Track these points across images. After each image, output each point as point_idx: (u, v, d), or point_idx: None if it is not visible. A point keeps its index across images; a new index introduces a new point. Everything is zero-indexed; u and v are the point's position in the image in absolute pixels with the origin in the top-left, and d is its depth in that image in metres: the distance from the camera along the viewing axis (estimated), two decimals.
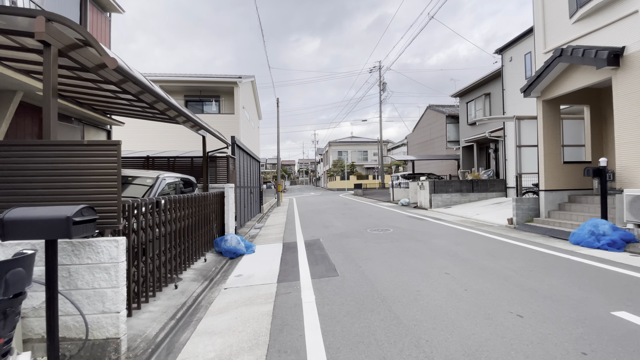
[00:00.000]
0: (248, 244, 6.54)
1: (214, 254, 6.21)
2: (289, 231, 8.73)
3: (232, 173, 8.01)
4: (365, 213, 12.52)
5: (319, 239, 7.29)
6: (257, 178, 13.20)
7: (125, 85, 3.80)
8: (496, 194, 13.84)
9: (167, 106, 4.87)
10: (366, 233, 7.85)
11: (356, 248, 6.22)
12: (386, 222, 9.62)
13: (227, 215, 6.90)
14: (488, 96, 16.61)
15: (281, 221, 11.16)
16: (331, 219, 11.04)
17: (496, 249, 5.83)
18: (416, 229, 8.22)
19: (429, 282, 4.09)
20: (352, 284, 4.13)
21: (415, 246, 6.20)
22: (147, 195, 4.47)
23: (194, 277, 4.70)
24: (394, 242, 6.69)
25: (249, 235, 8.62)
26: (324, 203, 19.02)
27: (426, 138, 27.20)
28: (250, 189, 11.25)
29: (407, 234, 7.51)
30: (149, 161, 7.52)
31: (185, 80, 15.20)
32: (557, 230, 7.17)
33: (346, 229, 8.55)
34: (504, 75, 13.56)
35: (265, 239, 7.84)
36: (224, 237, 6.32)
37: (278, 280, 4.45)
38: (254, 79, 19.58)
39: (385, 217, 11.15)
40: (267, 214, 14.39)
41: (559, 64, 7.43)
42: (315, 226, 9.40)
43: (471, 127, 18.19)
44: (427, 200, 13.60)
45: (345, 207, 15.79)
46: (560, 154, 8.34)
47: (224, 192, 6.90)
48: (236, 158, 8.45)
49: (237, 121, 15.09)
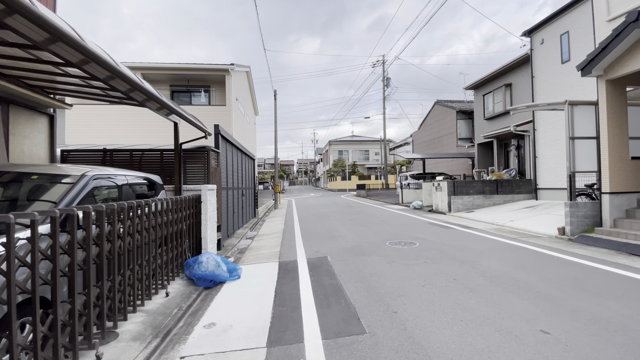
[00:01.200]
0: (232, 266, 4.83)
1: (184, 281, 4.51)
2: (287, 243, 7.03)
3: (215, 171, 6.30)
4: (376, 218, 10.82)
5: (326, 257, 5.59)
6: (250, 178, 11.49)
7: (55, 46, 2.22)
8: (524, 196, 12.16)
9: (126, 83, 3.29)
10: (386, 247, 6.15)
11: (379, 273, 4.53)
12: (406, 232, 7.92)
13: (204, 227, 5.20)
14: (509, 87, 14.94)
15: (278, 228, 9.45)
16: (337, 225, 9.34)
17: (578, 277, 4.14)
18: (448, 242, 6.52)
19: (526, 355, 2.39)
20: (394, 355, 2.43)
21: (462, 271, 4.51)
22: (62, 202, 2.77)
23: (138, 331, 3.00)
24: (428, 263, 4.99)
25: (237, 249, 6.91)
26: (326, 205, 17.32)
27: (434, 136, 25.53)
28: (241, 190, 9.54)
29: (441, 250, 5.82)
30: (106, 156, 5.83)
31: (171, 68, 13.48)
32: (636, 246, 5.48)
33: (359, 241, 6.85)
34: (533, 60, 11.90)
35: (257, 255, 6.13)
36: (199, 258, 4.62)
37: (269, 341, 2.75)
38: (249, 70, 17.87)
39: (401, 223, 9.45)
40: (262, 218, 12.68)
41: (634, 30, 5.75)
42: (319, 236, 7.70)
43: (489, 122, 16.51)
44: (445, 203, 11.91)
45: (350, 210, 14.09)
46: (627, 148, 6.67)
47: (201, 196, 5.20)
48: (221, 152, 6.75)
49: (228, 114, 13.37)
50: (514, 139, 14.61)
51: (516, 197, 12.13)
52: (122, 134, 12.49)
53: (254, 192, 12.42)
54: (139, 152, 5.97)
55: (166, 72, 13.58)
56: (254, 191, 12.28)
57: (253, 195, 12.11)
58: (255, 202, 12.64)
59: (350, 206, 16.38)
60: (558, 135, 10.80)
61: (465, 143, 22.06)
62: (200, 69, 13.52)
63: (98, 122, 12.79)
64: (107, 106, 13.26)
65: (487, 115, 16.54)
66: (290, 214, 13.66)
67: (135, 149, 5.94)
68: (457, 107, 22.56)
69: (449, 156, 19.55)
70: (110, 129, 12.68)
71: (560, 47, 10.86)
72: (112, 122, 12.87)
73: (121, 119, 12.82)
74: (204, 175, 5.98)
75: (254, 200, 12.27)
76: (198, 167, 6.00)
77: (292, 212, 14.11)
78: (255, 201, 12.63)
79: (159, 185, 4.94)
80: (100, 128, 12.73)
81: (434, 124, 25.59)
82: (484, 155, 17.73)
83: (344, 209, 15.02)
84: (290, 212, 14.53)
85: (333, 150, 50.25)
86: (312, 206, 17.36)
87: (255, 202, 12.64)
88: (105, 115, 12.91)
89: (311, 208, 16.08)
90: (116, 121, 12.88)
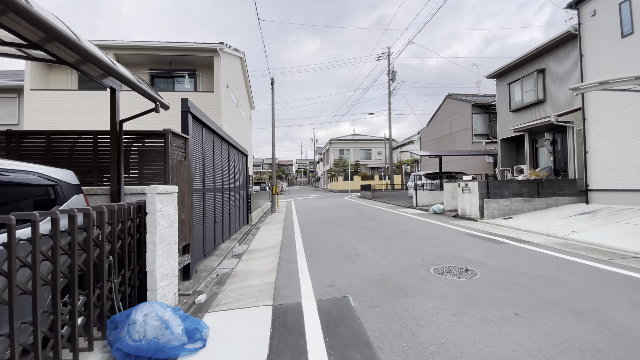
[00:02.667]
0: (192, 324, 2.82)
1: (106, 355, 2.51)
2: (286, 267, 5.03)
3: (180, 166, 4.29)
4: (395, 227, 8.82)
5: (347, 298, 3.59)
6: (242, 177, 9.47)
7: None
8: (568, 199, 10.19)
9: None
10: (434, 279, 4.15)
11: (451, 342, 2.52)
12: (446, 249, 5.92)
13: (151, 254, 3.18)
14: (542, 73, 12.97)
15: (274, 241, 7.44)
16: (349, 237, 7.34)
17: None
18: (519, 269, 4.52)
19: None
20: None
21: (594, 338, 2.50)
22: None
23: None
24: (522, 316, 2.97)
25: (215, 276, 4.90)
26: (330, 209, 15.30)
27: (445, 132, 23.58)
28: (229, 192, 7.53)
29: (522, 286, 3.82)
30: (11, 141, 3.83)
31: (149, 47, 11.44)
32: None
33: (387, 265, 4.85)
34: (583, 36, 9.92)
35: (242, 291, 4.12)
36: (131, 315, 2.61)
37: None
38: (243, 57, 15.87)
39: (431, 234, 7.45)
40: (257, 225, 10.66)
41: None
42: (329, 254, 5.70)
43: (515, 114, 14.54)
44: (475, 207, 9.92)
45: (360, 215, 12.08)
46: None
47: (146, 204, 3.19)
48: (192, 140, 4.74)
49: (217, 102, 11.35)
50: (547, 132, 12.64)
51: (560, 200, 10.15)
52: (92, 125, 10.48)
53: (247, 194, 10.40)
54: (61, 137, 3.95)
55: (144, 52, 11.55)
56: (246, 193, 10.27)
57: (245, 198, 10.09)
58: (248, 205, 10.62)
59: (358, 210, 14.37)
60: (618, 125, 8.83)
61: (482, 139, 20.10)
62: (184, 49, 11.49)
63: (61, 109, 10.76)
64: (74, 92, 11.25)
65: (513, 106, 14.57)
66: (289, 219, 11.65)
67: (56, 130, 3.91)
68: (472, 101, 20.61)
69: (468, 153, 17.57)
70: (77, 118, 10.64)
71: (619, 18, 8.89)
72: (79, 110, 10.84)
73: (89, 107, 10.80)
74: (163, 171, 3.97)
75: (246, 203, 10.25)
76: (154, 160, 3.98)
77: (292, 217, 12.10)
78: (248, 205, 10.62)
79: (69, 186, 2.92)
80: (64, 116, 10.70)
81: (445, 120, 23.63)
82: (508, 152, 15.77)
83: (351, 213, 13.01)
84: (289, 217, 12.52)
85: (334, 149, 48.25)
86: (314, 210, 15.35)
87: (248, 205, 10.62)
88: (70, 103, 10.89)
89: (313, 212, 14.07)
90: (84, 109, 10.85)
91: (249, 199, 10.67)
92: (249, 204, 10.69)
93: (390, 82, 30.10)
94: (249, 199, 10.68)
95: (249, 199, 10.67)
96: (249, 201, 10.62)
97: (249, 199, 10.68)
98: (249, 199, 10.61)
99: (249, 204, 10.63)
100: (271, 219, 12.49)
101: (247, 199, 10.50)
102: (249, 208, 10.72)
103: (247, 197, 10.48)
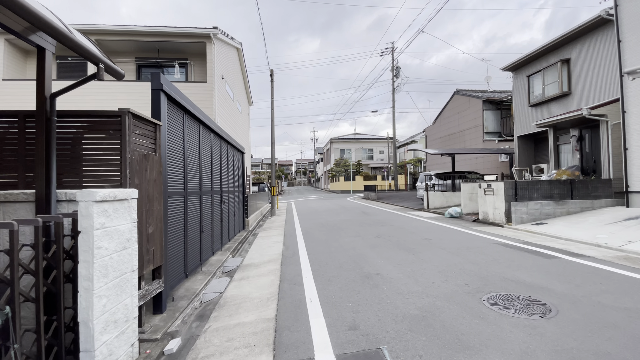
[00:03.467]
0: None
1: None
2: (290, 294, 3.90)
3: (145, 162, 3.16)
4: (413, 234, 7.70)
5: (382, 351, 2.46)
6: (237, 177, 8.34)
7: None
8: (604, 202, 9.08)
9: None
10: (494, 318, 3.03)
11: None
12: (492, 269, 4.79)
13: (86, 295, 2.05)
14: (566, 63, 11.86)
15: (274, 252, 6.31)
16: (363, 248, 6.22)
17: None
18: (602, 299, 3.40)
19: None
20: None
21: None
22: None
23: None
24: None
25: (196, 306, 3.77)
26: (334, 211, 14.17)
27: (453, 130, 22.47)
28: (220, 195, 6.40)
29: (625, 330, 2.70)
30: None
31: (136, 33, 10.30)
32: None
33: (425, 295, 3.72)
34: (619, 19, 8.81)
35: (229, 335, 2.99)
36: None
37: None
38: (240, 48, 14.74)
39: (460, 245, 6.32)
40: (254, 231, 9.52)
41: None
42: (344, 275, 4.57)
43: (535, 109, 13.43)
44: (500, 211, 8.80)
45: (369, 219, 10.95)
46: None
47: (78, 220, 2.06)
48: (165, 126, 3.60)
49: (210, 93, 10.21)
50: (573, 128, 11.53)
51: (595, 203, 9.04)
52: None
53: (243, 195, 9.27)
54: None
55: (129, 37, 10.40)
56: (242, 195, 9.13)
57: (241, 201, 8.96)
58: (245, 209, 9.49)
59: (365, 213, 13.23)
60: None
61: (493, 137, 18.99)
62: (174, 34, 10.35)
63: None
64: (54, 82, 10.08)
65: (533, 100, 13.45)
66: (290, 223, 10.52)
67: None
68: (483, 97, 19.50)
69: (483, 152, 16.48)
70: None
71: None
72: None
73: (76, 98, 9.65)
74: (119, 169, 2.84)
75: (242, 207, 9.12)
76: (104, 152, 2.85)
77: (293, 222, 10.97)
78: (245, 208, 9.48)
79: None
80: None
81: (453, 117, 22.53)
82: (525, 150, 14.66)
83: (358, 216, 11.88)
84: (290, 221, 11.39)
85: (335, 148, 47.11)
86: (316, 212, 14.22)
87: (245, 209, 9.49)
88: None
89: (316, 215, 12.94)
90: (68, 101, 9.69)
91: (246, 202, 9.54)
92: (246, 207, 9.56)
93: (395, 79, 29.03)
94: (246, 201, 9.54)
95: (246, 202, 9.54)
96: (245, 204, 9.48)
97: (246, 201, 9.54)
98: (245, 201, 9.48)
99: (245, 207, 9.49)
100: (270, 223, 11.36)
101: (244, 202, 9.36)
102: (246, 212, 9.58)
103: (244, 199, 9.34)
